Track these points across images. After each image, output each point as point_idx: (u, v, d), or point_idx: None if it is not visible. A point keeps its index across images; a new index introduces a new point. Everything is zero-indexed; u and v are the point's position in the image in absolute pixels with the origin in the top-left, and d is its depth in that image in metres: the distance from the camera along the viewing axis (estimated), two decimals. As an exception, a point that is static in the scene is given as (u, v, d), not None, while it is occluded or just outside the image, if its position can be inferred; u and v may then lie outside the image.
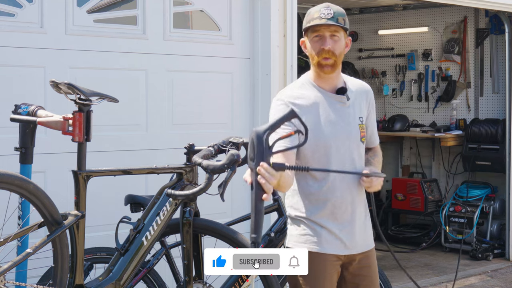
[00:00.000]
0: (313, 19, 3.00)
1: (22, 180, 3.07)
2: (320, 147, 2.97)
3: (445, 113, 8.31)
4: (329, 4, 3.04)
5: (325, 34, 2.98)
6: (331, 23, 2.96)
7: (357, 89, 3.12)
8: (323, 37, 2.98)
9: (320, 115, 2.99)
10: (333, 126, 2.99)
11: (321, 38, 2.99)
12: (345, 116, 3.03)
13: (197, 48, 5.02)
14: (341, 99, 3.03)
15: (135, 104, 4.71)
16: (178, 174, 3.50)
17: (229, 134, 3.72)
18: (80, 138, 3.23)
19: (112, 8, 4.65)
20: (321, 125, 2.98)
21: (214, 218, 3.66)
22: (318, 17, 2.98)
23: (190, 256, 3.49)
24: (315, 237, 2.99)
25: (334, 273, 3.03)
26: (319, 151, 2.97)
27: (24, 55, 4.25)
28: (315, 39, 3.00)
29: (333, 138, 2.98)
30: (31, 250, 3.08)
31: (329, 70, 2.99)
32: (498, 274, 6.81)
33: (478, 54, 8.02)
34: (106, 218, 4.21)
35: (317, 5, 3.03)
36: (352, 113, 3.05)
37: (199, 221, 3.52)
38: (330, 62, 2.98)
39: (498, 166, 7.54)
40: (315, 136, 2.94)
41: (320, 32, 2.99)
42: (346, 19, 3.03)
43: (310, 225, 3.01)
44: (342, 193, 3.00)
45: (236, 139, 3.40)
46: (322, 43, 2.98)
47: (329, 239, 2.99)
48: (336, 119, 3.01)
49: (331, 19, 2.96)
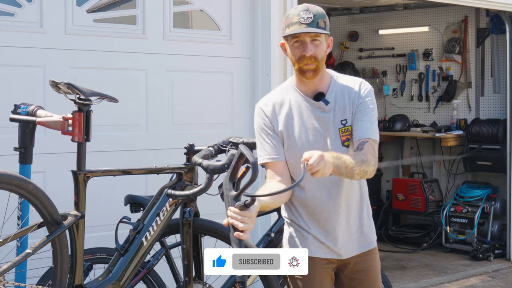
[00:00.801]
0: (292, 24, 2.86)
1: (22, 180, 3.06)
2: (296, 154, 2.86)
3: (445, 113, 8.30)
4: (308, 6, 2.89)
5: (306, 40, 2.85)
6: (311, 30, 2.83)
7: (342, 89, 2.97)
8: (304, 43, 2.85)
9: (298, 123, 2.91)
10: (310, 132, 2.91)
11: (301, 44, 2.86)
12: (324, 122, 2.92)
13: (197, 48, 5.02)
14: (319, 105, 2.92)
15: (135, 104, 4.70)
16: (178, 174, 3.49)
17: (229, 134, 3.71)
18: (79, 138, 3.22)
19: (111, 8, 4.64)
20: (298, 132, 2.90)
21: (214, 218, 3.65)
22: (298, 22, 2.84)
23: (190, 256, 3.48)
24: (303, 240, 2.95)
25: (325, 276, 2.97)
26: (297, 158, 2.82)
27: (24, 54, 4.24)
28: (296, 44, 2.88)
29: (309, 145, 2.87)
30: (30, 251, 3.07)
31: (311, 75, 2.89)
32: (499, 275, 6.80)
33: (479, 54, 8.01)
34: (106, 218, 4.20)
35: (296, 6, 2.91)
36: (332, 118, 2.92)
37: (199, 221, 3.51)
38: (312, 67, 2.87)
39: (499, 166, 7.53)
40: (291, 143, 2.90)
41: (300, 38, 2.86)
42: (326, 20, 2.90)
43: (298, 229, 2.97)
44: (323, 201, 2.92)
45: (236, 139, 3.39)
46: (303, 49, 2.85)
47: (316, 243, 2.95)
48: (314, 126, 2.91)
49: (311, 24, 2.83)
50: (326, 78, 2.98)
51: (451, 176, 8.17)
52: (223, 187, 2.64)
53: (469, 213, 7.55)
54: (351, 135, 2.94)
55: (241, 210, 2.58)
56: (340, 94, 2.96)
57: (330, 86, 2.96)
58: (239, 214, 2.56)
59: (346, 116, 2.94)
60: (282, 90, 3.02)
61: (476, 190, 7.72)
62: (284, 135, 2.91)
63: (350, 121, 2.94)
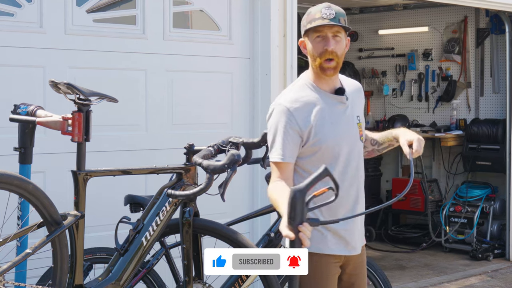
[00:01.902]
0: (314, 20, 2.94)
1: (22, 180, 3.06)
2: (327, 148, 2.95)
3: (445, 113, 8.30)
4: (330, 4, 2.99)
5: (328, 35, 2.92)
6: (334, 23, 2.91)
7: (352, 89, 3.11)
8: (326, 38, 2.92)
9: (323, 117, 2.95)
10: (336, 127, 2.97)
11: (323, 39, 2.93)
12: (345, 117, 3.01)
13: (197, 48, 5.02)
14: (342, 100, 3.01)
15: (135, 104, 4.70)
16: (178, 174, 3.49)
17: (229, 134, 3.71)
18: (79, 138, 3.22)
19: (111, 8, 4.64)
20: (326, 127, 2.95)
21: (214, 218, 3.65)
22: (320, 18, 2.92)
23: (190, 256, 3.48)
24: (320, 239, 2.97)
25: (335, 274, 3.04)
26: (327, 153, 2.95)
27: (23, 55, 4.24)
28: (318, 39, 2.94)
29: (338, 139, 2.96)
30: (30, 251, 3.07)
31: (331, 72, 2.96)
32: (498, 275, 6.80)
33: (479, 54, 8.02)
34: (106, 218, 4.20)
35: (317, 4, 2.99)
36: (351, 113, 3.04)
37: (198, 221, 3.51)
38: (333, 65, 2.94)
39: (498, 166, 7.54)
40: (320, 138, 2.93)
41: (322, 32, 2.93)
42: (346, 20, 2.99)
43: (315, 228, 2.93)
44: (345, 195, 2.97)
45: (235, 139, 3.39)
46: (325, 44, 2.92)
47: (333, 240, 2.99)
48: (338, 120, 2.99)
49: (333, 19, 2.91)
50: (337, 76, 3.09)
51: (450, 176, 8.18)
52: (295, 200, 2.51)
53: (469, 213, 7.55)
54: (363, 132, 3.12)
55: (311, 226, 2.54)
56: (350, 91, 3.08)
57: (342, 84, 3.08)
58: (309, 229, 2.51)
59: (359, 113, 3.10)
60: (301, 87, 3.03)
61: (475, 190, 7.72)
62: (312, 132, 2.94)
63: (362, 119, 3.10)
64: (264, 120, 5.17)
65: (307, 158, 2.95)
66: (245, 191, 5.22)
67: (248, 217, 4.25)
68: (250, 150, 3.45)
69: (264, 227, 4.75)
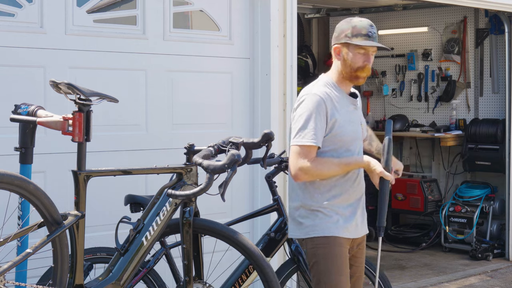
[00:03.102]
0: (361, 35, 3.24)
1: (22, 180, 3.06)
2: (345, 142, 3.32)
3: (445, 113, 8.31)
4: (370, 21, 3.29)
5: (369, 52, 3.27)
6: (382, 45, 3.27)
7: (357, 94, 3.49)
8: (367, 55, 3.27)
9: (344, 114, 3.32)
10: (352, 125, 3.34)
11: (365, 55, 3.27)
12: (356, 118, 3.42)
13: (197, 48, 5.02)
14: (354, 102, 3.39)
15: (135, 104, 4.71)
16: (178, 174, 3.49)
17: (229, 134, 3.71)
18: (80, 138, 3.22)
19: (112, 8, 4.65)
20: (345, 124, 3.31)
21: (214, 218, 3.65)
22: (366, 35, 3.25)
23: (190, 256, 3.49)
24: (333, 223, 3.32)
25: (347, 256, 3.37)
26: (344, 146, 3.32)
27: (24, 55, 4.25)
28: (360, 54, 3.27)
29: (353, 136, 3.34)
30: (30, 250, 3.07)
31: (362, 81, 3.35)
32: (498, 274, 6.81)
33: (478, 54, 8.02)
34: (106, 218, 4.20)
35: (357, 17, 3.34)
36: (359, 115, 3.43)
37: (198, 221, 3.52)
38: (366, 76, 3.32)
39: (497, 166, 7.54)
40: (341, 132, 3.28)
41: (366, 50, 3.26)
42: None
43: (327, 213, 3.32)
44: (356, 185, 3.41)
45: (236, 139, 3.40)
46: (366, 59, 3.27)
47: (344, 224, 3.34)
48: (353, 120, 3.36)
49: (376, 39, 3.27)
50: None
51: (450, 176, 8.18)
52: (390, 147, 3.27)
53: (468, 213, 7.56)
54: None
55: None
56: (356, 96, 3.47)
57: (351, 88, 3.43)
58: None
59: (362, 116, 3.52)
60: (325, 85, 3.35)
61: (475, 190, 7.73)
62: (336, 125, 3.28)
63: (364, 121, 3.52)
64: (264, 120, 5.22)
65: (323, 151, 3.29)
66: (245, 191, 5.23)
67: (248, 217, 4.26)
68: (250, 150, 3.46)
69: (264, 227, 4.75)
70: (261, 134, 3.42)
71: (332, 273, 3.29)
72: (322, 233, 3.31)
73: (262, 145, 3.48)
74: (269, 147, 3.47)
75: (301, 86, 7.81)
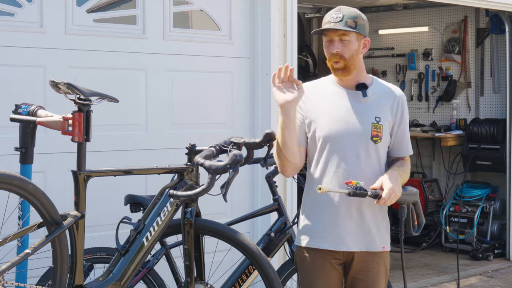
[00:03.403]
0: (324, 24, 3.09)
1: (21, 180, 3.05)
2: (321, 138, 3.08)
3: (445, 113, 8.30)
4: (342, 7, 3.10)
5: (334, 38, 3.06)
6: (338, 27, 3.01)
7: (385, 91, 3.16)
8: (332, 41, 3.06)
9: (328, 110, 3.09)
10: (338, 121, 3.07)
11: (331, 42, 3.07)
12: (357, 113, 3.08)
13: (197, 47, 5.01)
14: (356, 94, 3.10)
15: (135, 104, 4.70)
16: (180, 175, 3.48)
17: (229, 134, 3.70)
18: (79, 138, 3.21)
19: (112, 8, 4.64)
20: (326, 119, 3.07)
21: (215, 219, 3.64)
22: (328, 22, 3.07)
23: (191, 257, 3.48)
24: (311, 232, 3.12)
25: (330, 269, 3.12)
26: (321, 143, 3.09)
27: (24, 54, 4.24)
28: (327, 43, 3.09)
29: (335, 132, 3.06)
30: (29, 251, 3.06)
31: (340, 73, 3.08)
32: (499, 274, 6.80)
33: (479, 54, 8.02)
34: (106, 218, 4.20)
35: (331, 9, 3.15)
36: (368, 110, 3.09)
37: (199, 222, 3.51)
38: (340, 66, 3.05)
39: (498, 166, 7.54)
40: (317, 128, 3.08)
41: (329, 36, 3.07)
42: (359, 21, 3.07)
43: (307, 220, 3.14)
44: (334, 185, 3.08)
45: (237, 139, 3.38)
46: (331, 47, 3.06)
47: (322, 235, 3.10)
48: (345, 115, 3.08)
49: (339, 22, 3.03)
50: (365, 76, 3.16)
51: (450, 175, 8.17)
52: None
53: (469, 213, 7.55)
54: (392, 146, 3.16)
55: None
56: (381, 92, 3.14)
57: (372, 84, 3.15)
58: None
59: (381, 115, 3.10)
60: (323, 80, 3.20)
61: (475, 190, 7.72)
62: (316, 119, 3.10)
63: (385, 121, 3.10)
64: (264, 120, 5.20)
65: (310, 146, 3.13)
66: (245, 191, 5.22)
67: (248, 217, 4.25)
68: (251, 150, 3.45)
69: (264, 227, 4.75)
70: (262, 134, 3.41)
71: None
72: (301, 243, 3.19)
73: (264, 145, 3.47)
74: (270, 147, 3.46)
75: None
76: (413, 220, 3.21)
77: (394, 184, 2.97)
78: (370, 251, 3.14)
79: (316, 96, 3.13)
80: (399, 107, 3.14)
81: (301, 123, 3.13)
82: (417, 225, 3.23)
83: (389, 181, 2.97)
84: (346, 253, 3.12)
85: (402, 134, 3.15)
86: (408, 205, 3.18)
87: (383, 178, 2.99)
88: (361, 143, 3.08)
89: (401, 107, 3.14)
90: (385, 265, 3.21)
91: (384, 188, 2.96)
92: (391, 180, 2.98)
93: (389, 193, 2.95)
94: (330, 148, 3.08)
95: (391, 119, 3.12)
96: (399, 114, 3.13)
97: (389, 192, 2.95)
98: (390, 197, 2.95)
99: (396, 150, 3.17)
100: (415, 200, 3.19)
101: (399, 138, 3.15)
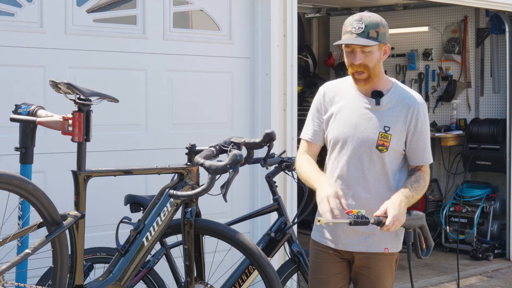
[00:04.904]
0: (345, 33, 3.03)
1: (21, 180, 3.05)
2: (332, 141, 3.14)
3: (445, 113, 8.30)
4: (363, 15, 3.03)
5: (356, 49, 3.00)
6: (360, 43, 2.96)
7: (402, 99, 3.11)
8: (354, 52, 3.01)
9: (342, 112, 3.11)
10: (348, 125, 3.09)
11: (352, 52, 3.02)
12: (367, 120, 3.07)
13: (197, 47, 5.01)
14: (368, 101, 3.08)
15: (135, 104, 4.70)
16: (180, 175, 3.48)
17: (229, 134, 3.71)
18: (79, 138, 3.21)
19: (112, 8, 4.64)
20: (337, 122, 3.12)
21: (215, 218, 3.65)
22: (350, 32, 3.00)
23: (191, 257, 3.48)
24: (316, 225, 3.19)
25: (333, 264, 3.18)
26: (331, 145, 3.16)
27: (24, 54, 4.24)
28: (347, 53, 3.05)
29: (344, 136, 3.10)
30: (29, 251, 3.06)
31: (362, 83, 3.06)
32: (499, 274, 6.80)
33: (479, 54, 8.02)
34: (106, 218, 4.20)
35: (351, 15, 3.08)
36: (379, 119, 3.06)
37: (199, 222, 3.51)
38: (363, 77, 3.04)
39: (498, 166, 7.53)
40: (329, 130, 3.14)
41: (351, 47, 3.02)
42: (380, 30, 3.02)
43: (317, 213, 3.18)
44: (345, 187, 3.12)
45: (237, 139, 3.38)
46: (353, 58, 3.01)
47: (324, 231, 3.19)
48: (356, 120, 3.09)
49: (361, 34, 2.97)
50: (385, 82, 3.14)
51: (450, 175, 8.17)
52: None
53: (469, 213, 7.55)
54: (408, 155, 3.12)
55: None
56: (397, 100, 3.10)
57: (390, 91, 3.11)
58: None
59: (392, 124, 3.06)
60: (344, 79, 3.21)
61: (475, 190, 7.72)
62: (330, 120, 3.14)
63: (395, 131, 3.07)
64: (264, 120, 5.21)
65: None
66: (245, 191, 5.22)
67: (248, 217, 4.25)
68: (251, 150, 3.45)
69: (264, 227, 4.75)
70: (262, 134, 3.41)
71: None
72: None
73: (264, 145, 3.47)
74: (270, 147, 3.46)
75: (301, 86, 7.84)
76: (421, 244, 3.18)
77: (398, 210, 2.91)
78: (370, 252, 3.16)
79: (337, 95, 3.15)
80: (414, 115, 3.09)
81: (320, 123, 3.19)
82: (425, 249, 3.19)
83: (393, 208, 2.91)
84: (346, 251, 3.17)
85: (416, 143, 3.10)
86: (415, 230, 3.14)
87: (387, 204, 2.94)
88: (365, 150, 3.08)
89: (416, 115, 3.09)
90: (391, 265, 3.24)
91: (388, 214, 2.90)
92: (394, 206, 2.92)
93: (393, 220, 2.89)
94: (338, 151, 3.14)
95: (404, 128, 3.08)
96: (413, 123, 3.09)
97: (392, 220, 2.89)
98: (393, 224, 2.90)
99: (411, 159, 3.14)
100: (421, 224, 3.14)
101: (413, 146, 3.11)
